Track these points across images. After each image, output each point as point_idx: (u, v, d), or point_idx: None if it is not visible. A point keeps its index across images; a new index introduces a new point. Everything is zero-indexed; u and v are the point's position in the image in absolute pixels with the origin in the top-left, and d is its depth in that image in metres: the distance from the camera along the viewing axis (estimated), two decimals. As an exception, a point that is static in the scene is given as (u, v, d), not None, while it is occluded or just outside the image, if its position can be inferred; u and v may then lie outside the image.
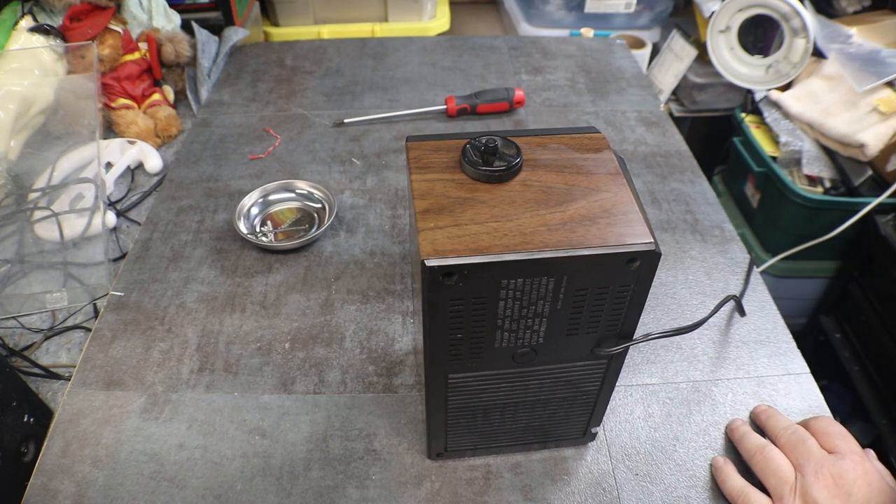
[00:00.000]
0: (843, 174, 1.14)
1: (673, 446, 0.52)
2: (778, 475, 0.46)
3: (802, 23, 1.19)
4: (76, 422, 0.53)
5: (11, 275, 0.67)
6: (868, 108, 1.11)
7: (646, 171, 0.79)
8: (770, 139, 1.25)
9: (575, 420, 0.48)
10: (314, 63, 1.00)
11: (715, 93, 1.44)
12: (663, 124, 0.87)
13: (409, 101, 0.92)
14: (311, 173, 0.78)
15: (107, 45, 0.85)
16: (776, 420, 0.51)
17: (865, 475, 0.44)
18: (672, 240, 0.70)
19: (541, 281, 0.35)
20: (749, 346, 0.60)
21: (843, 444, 0.46)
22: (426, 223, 0.35)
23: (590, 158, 0.40)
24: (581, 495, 0.49)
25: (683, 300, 0.64)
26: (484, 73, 0.98)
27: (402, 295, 0.64)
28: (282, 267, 0.66)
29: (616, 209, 0.36)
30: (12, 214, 0.72)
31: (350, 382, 0.56)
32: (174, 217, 0.72)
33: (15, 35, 0.82)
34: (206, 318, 0.61)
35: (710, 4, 1.31)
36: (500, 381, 0.42)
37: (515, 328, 0.38)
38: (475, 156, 0.38)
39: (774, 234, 1.23)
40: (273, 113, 0.89)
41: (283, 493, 0.49)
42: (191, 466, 0.50)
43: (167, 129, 0.87)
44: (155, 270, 0.66)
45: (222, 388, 0.55)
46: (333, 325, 0.61)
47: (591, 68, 0.99)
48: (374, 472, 0.50)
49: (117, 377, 0.56)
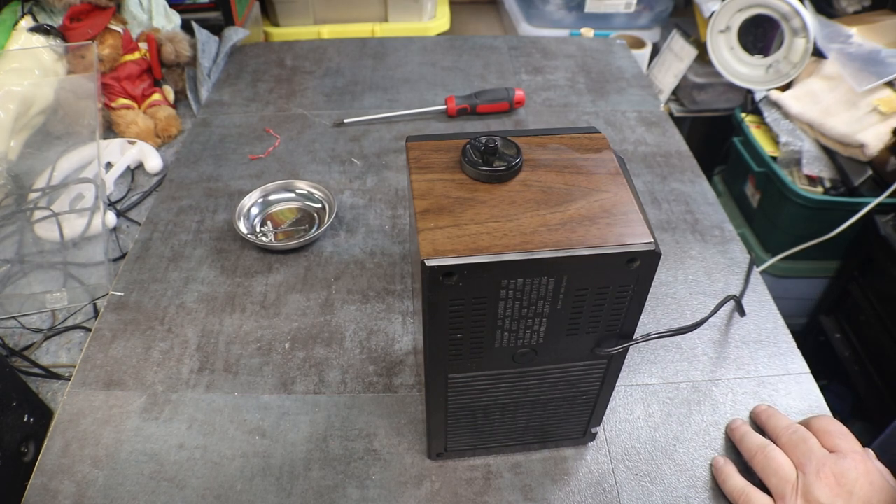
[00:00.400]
0: (843, 174, 1.14)
1: (673, 446, 0.52)
2: (779, 474, 0.46)
3: (802, 23, 1.19)
4: (76, 422, 0.53)
5: (11, 275, 0.67)
6: (868, 108, 1.11)
7: (646, 171, 0.79)
8: (770, 139, 1.25)
9: (575, 420, 0.48)
10: (314, 63, 1.00)
11: (715, 93, 1.44)
12: (663, 124, 0.87)
13: (409, 101, 0.92)
14: (311, 173, 0.78)
15: (107, 45, 0.85)
16: (777, 419, 0.51)
17: (867, 474, 0.44)
18: (672, 240, 0.70)
19: (541, 281, 0.35)
20: (749, 346, 0.60)
21: (844, 443, 0.46)
22: (426, 223, 0.35)
23: (590, 158, 0.40)
24: (581, 495, 0.49)
25: (683, 300, 0.64)
26: (484, 73, 0.98)
27: (402, 295, 0.64)
28: (282, 267, 0.66)
29: (616, 209, 0.36)
30: (12, 214, 0.72)
31: (350, 382, 0.56)
32: (174, 217, 0.72)
33: (15, 35, 0.82)
34: (206, 318, 0.61)
35: (710, 4, 1.31)
36: (500, 381, 0.42)
37: (515, 328, 0.38)
38: (475, 156, 0.38)
39: (774, 234, 1.23)
40: (273, 113, 0.89)
41: (283, 493, 0.49)
42: (191, 466, 0.50)
43: (167, 129, 0.87)
44: (155, 270, 0.66)
45: (222, 388, 0.55)
46: (333, 325, 0.61)
47: (591, 68, 0.99)
48: (374, 472, 0.50)
49: (117, 377, 0.56)
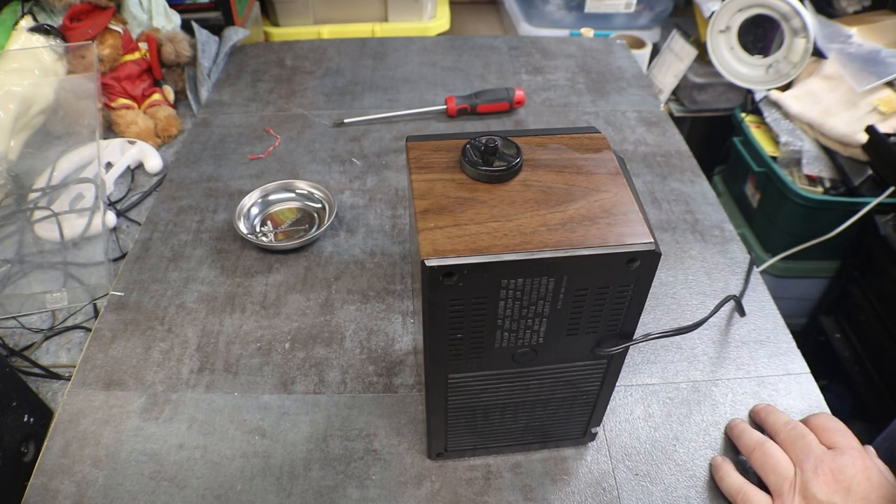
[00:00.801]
0: (843, 174, 1.14)
1: (673, 446, 0.52)
2: (777, 471, 0.46)
3: (802, 23, 1.19)
4: (76, 422, 0.53)
5: (11, 275, 0.67)
6: (868, 108, 1.11)
7: (646, 171, 0.79)
8: (770, 139, 1.25)
9: (575, 420, 0.48)
10: (314, 63, 1.00)
11: (715, 93, 1.44)
12: (663, 124, 0.87)
13: (409, 101, 0.92)
14: (311, 173, 0.78)
15: (107, 45, 0.85)
16: (775, 416, 0.51)
17: (865, 470, 0.44)
18: (672, 240, 0.70)
19: (541, 281, 0.35)
20: (749, 346, 0.60)
21: (842, 439, 0.46)
22: (426, 223, 0.35)
23: (590, 158, 0.40)
24: (581, 495, 0.49)
25: (683, 300, 0.64)
26: (484, 73, 0.98)
27: (402, 295, 0.64)
28: (282, 267, 0.66)
29: (616, 209, 0.36)
30: (12, 214, 0.72)
31: (350, 382, 0.56)
32: (174, 217, 0.72)
33: (15, 35, 0.82)
34: (206, 318, 0.61)
35: (710, 4, 1.32)
36: (500, 381, 0.42)
37: (515, 328, 0.38)
38: (475, 156, 0.38)
39: (774, 233, 1.23)
40: (273, 113, 0.89)
41: (283, 493, 0.49)
42: (191, 466, 0.50)
43: (167, 129, 0.87)
44: (155, 270, 0.66)
45: (222, 388, 0.55)
46: (333, 325, 0.61)
47: (591, 68, 0.99)
48: (374, 472, 0.50)
49: (117, 377, 0.56)
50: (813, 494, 0.43)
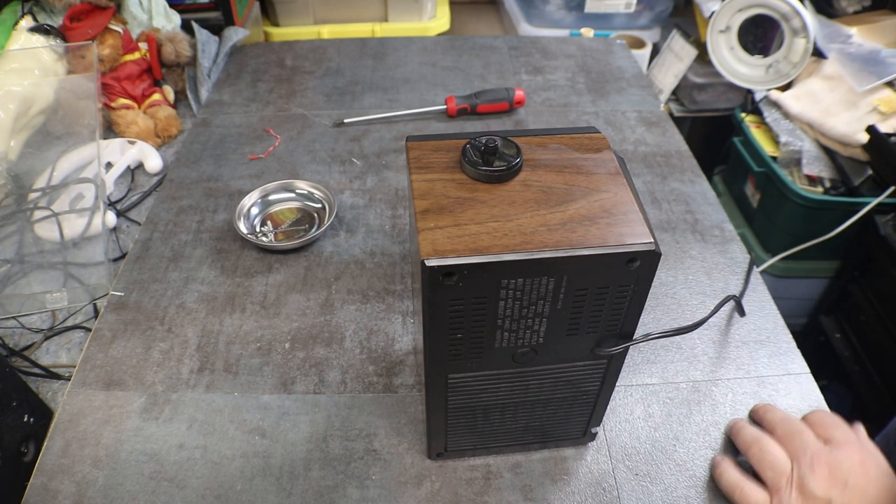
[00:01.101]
0: (843, 174, 1.14)
1: (673, 446, 0.52)
2: (774, 467, 0.46)
3: (802, 23, 1.19)
4: (76, 422, 0.53)
5: (11, 275, 0.67)
6: (868, 108, 1.11)
7: (646, 171, 0.79)
8: (770, 139, 1.25)
9: (575, 420, 0.48)
10: (314, 63, 1.00)
11: (715, 93, 1.45)
12: (663, 124, 0.87)
13: (409, 101, 0.92)
14: (311, 173, 0.78)
15: (107, 45, 0.85)
16: (773, 413, 0.51)
17: (862, 464, 0.44)
18: (672, 240, 0.70)
19: (541, 281, 0.35)
20: (749, 346, 0.60)
21: (839, 434, 0.46)
22: (426, 223, 0.35)
23: (590, 158, 0.40)
24: (581, 495, 0.49)
25: (683, 300, 0.64)
26: (484, 73, 0.98)
27: (402, 295, 0.64)
28: (282, 267, 0.66)
29: (616, 209, 0.36)
30: (12, 214, 0.72)
31: (350, 382, 0.56)
32: (174, 217, 0.72)
33: (15, 35, 0.82)
34: (206, 318, 0.61)
35: (710, 4, 1.32)
36: (500, 381, 0.42)
37: (515, 328, 0.38)
38: (475, 156, 0.38)
39: (774, 233, 1.23)
40: (273, 113, 0.89)
41: (283, 493, 0.49)
42: (191, 466, 0.50)
43: (167, 129, 0.87)
44: (155, 270, 0.66)
45: (222, 388, 0.55)
46: (333, 325, 0.61)
47: (591, 68, 0.99)
48: (374, 472, 0.50)
49: (117, 377, 0.56)
50: (810, 489, 0.43)
